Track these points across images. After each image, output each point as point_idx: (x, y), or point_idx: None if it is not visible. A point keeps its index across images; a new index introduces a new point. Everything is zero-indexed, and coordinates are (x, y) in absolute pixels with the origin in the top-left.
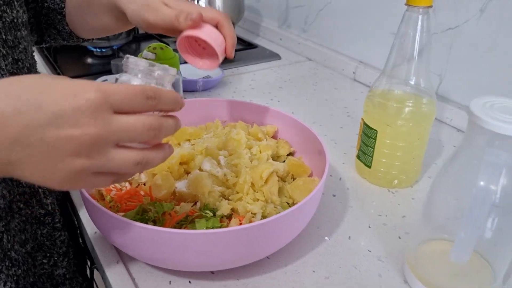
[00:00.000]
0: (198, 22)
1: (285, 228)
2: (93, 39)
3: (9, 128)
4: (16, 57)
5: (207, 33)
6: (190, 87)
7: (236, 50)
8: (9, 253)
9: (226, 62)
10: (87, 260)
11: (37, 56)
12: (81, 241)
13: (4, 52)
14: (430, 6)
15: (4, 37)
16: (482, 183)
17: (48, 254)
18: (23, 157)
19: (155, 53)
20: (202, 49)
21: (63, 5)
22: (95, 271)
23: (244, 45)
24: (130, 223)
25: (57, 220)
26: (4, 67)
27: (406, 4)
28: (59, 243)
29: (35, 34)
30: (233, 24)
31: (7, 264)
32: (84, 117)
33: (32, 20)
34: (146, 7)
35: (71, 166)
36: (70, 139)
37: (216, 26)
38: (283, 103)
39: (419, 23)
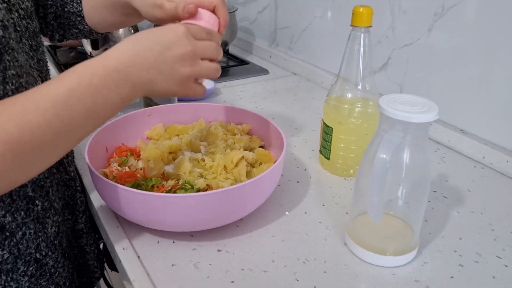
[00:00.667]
0: (194, 12)
1: (248, 196)
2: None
3: (146, 60)
4: (38, 58)
5: (200, 18)
6: (185, 97)
7: (229, 66)
8: (53, 203)
9: (220, 76)
10: (95, 235)
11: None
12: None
13: (32, 54)
14: (370, 26)
15: (30, 43)
16: (382, 155)
17: (71, 212)
18: (156, 74)
19: None
20: None
21: (80, 8)
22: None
23: (237, 61)
24: (126, 190)
25: (78, 184)
26: (33, 66)
27: (351, 25)
28: (79, 203)
29: (56, 34)
30: (228, 43)
31: (52, 212)
32: (183, 41)
33: (52, 22)
34: (153, 6)
35: (182, 72)
36: (179, 55)
37: (214, 9)
38: (265, 110)
39: (362, 40)
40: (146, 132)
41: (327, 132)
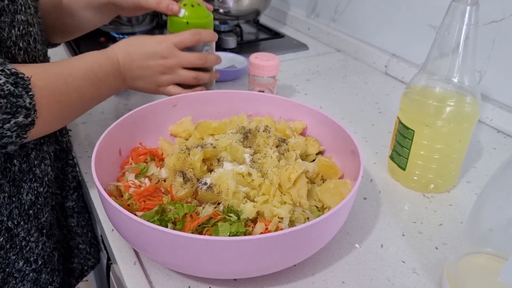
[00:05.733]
0: (177, 12)
1: (315, 237)
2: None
3: (134, 63)
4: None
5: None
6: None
7: (260, 40)
8: (34, 168)
9: (250, 51)
10: (107, 254)
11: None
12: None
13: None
14: None
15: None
16: None
17: (61, 186)
18: (140, 75)
19: (185, 10)
20: None
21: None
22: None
23: (270, 34)
24: (148, 226)
25: (70, 157)
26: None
27: None
28: (71, 178)
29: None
30: (260, 12)
31: (30, 177)
32: (165, 52)
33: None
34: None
35: (161, 79)
36: (161, 64)
37: None
38: (310, 96)
39: (467, 15)
40: (170, 127)
41: (405, 135)
